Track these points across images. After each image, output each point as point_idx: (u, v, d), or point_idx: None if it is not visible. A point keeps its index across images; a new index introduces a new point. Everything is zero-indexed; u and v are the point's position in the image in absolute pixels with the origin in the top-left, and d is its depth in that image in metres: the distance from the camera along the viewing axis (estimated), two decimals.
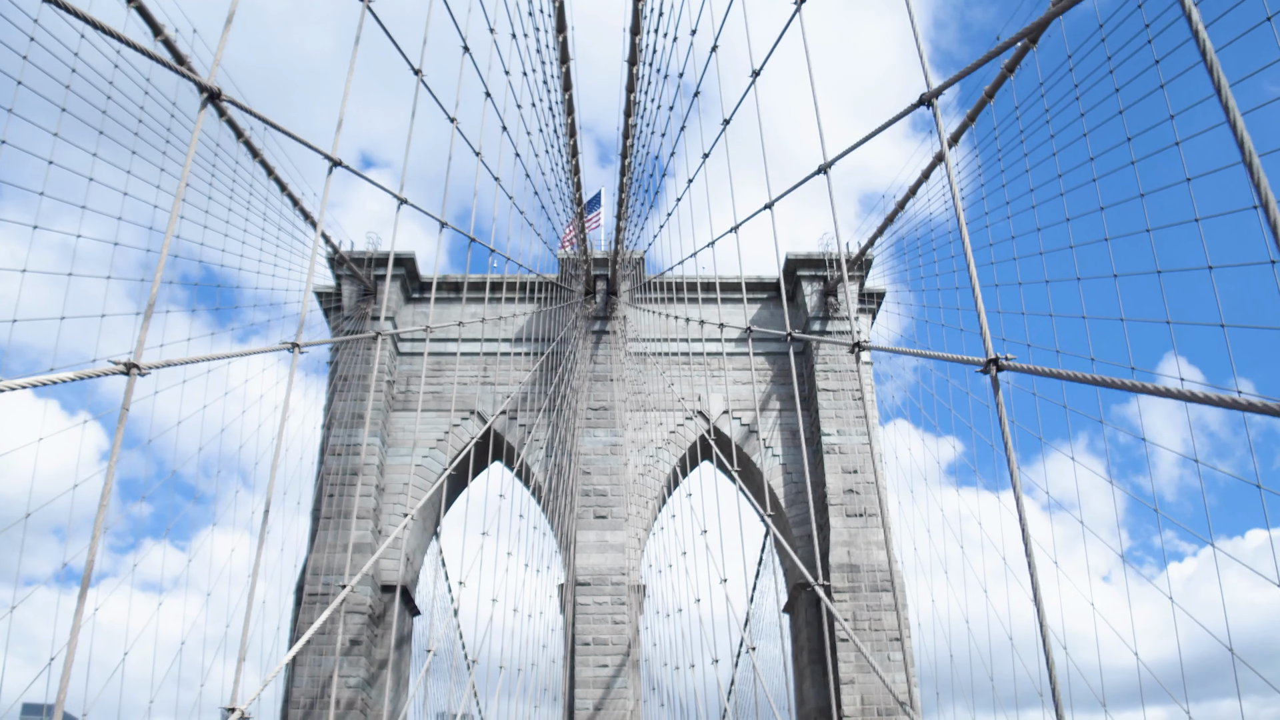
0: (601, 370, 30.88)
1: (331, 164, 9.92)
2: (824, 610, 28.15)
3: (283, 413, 8.85)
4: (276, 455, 8.71)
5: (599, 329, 31.43)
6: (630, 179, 24.57)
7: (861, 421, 29.37)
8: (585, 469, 29.50)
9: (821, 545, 28.37)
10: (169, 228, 7.05)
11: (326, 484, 28.43)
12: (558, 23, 19.40)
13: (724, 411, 30.11)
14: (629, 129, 22.22)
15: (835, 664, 26.15)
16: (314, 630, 9.69)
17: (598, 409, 30.34)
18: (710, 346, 30.76)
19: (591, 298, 31.67)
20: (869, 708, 26.18)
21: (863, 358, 30.75)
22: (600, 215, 32.97)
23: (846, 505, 28.31)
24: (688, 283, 29.69)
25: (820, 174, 10.22)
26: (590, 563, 28.40)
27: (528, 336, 31.04)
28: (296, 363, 8.99)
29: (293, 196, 23.46)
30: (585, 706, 26.83)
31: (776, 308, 31.91)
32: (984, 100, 15.75)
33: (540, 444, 29.95)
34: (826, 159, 10.06)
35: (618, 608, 27.95)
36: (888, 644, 27.06)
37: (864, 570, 27.55)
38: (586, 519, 29.02)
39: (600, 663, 27.41)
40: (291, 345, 8.94)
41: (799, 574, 28.45)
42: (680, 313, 28.58)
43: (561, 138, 23.05)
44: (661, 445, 30.20)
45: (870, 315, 31.44)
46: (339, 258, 28.92)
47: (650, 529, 29.81)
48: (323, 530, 27.67)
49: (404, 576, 28.99)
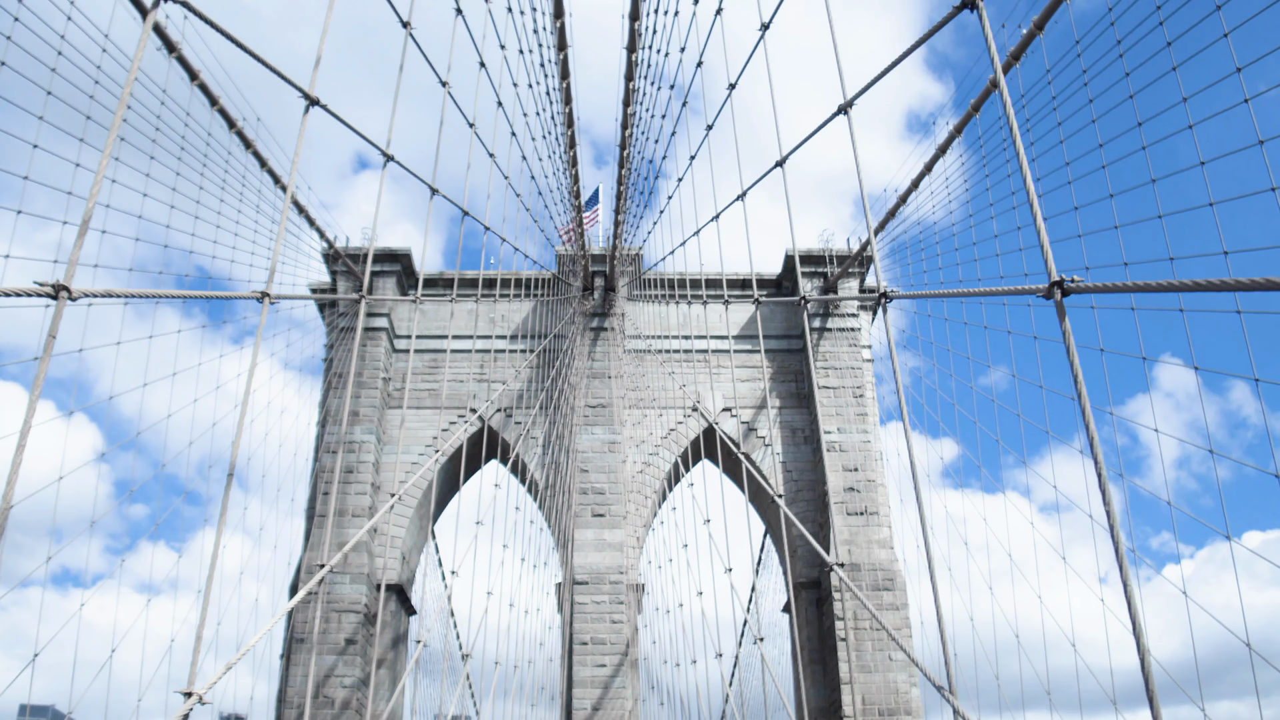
0: (599, 367, 29.89)
1: (309, 103, 8.91)
2: (824, 609, 27.28)
3: (250, 366, 7.82)
4: (243, 414, 7.68)
5: (597, 325, 30.44)
6: (629, 170, 23.61)
7: (862, 419, 28.40)
8: (583, 467, 28.51)
9: (822, 544, 27.41)
10: (106, 148, 6.02)
11: (321, 482, 27.43)
12: (555, 7, 18.49)
13: (724, 409, 29.08)
14: (628, 119, 21.29)
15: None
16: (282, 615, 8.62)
17: (596, 406, 29.34)
18: (712, 344, 29.77)
19: (589, 294, 30.67)
20: (870, 708, 25.20)
21: (864, 356, 29.80)
22: (599, 211, 31.99)
23: (847, 503, 27.35)
24: (690, 279, 28.77)
25: (840, 114, 9.22)
26: (588, 561, 27.39)
27: (525, 333, 30.06)
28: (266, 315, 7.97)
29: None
30: (583, 707, 25.80)
31: (775, 305, 30.94)
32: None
33: (537, 441, 28.94)
34: (846, 97, 9.05)
35: (616, 607, 26.94)
36: (888, 643, 26.06)
37: (865, 569, 26.56)
38: (584, 517, 28.00)
39: (598, 662, 26.39)
40: (261, 295, 7.93)
41: (798, 575, 27.49)
42: (679, 309, 27.66)
43: (559, 125, 22.06)
44: (660, 443, 29.20)
45: (871, 313, 30.48)
46: (334, 253, 27.91)
47: (650, 525, 28.79)
48: (317, 529, 26.67)
49: (400, 575, 27.92)
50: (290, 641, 25.49)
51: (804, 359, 29.85)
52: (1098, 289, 5.30)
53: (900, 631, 25.99)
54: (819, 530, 27.48)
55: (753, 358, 30.11)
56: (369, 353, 28.76)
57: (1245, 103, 10.21)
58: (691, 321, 29.98)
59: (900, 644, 8.40)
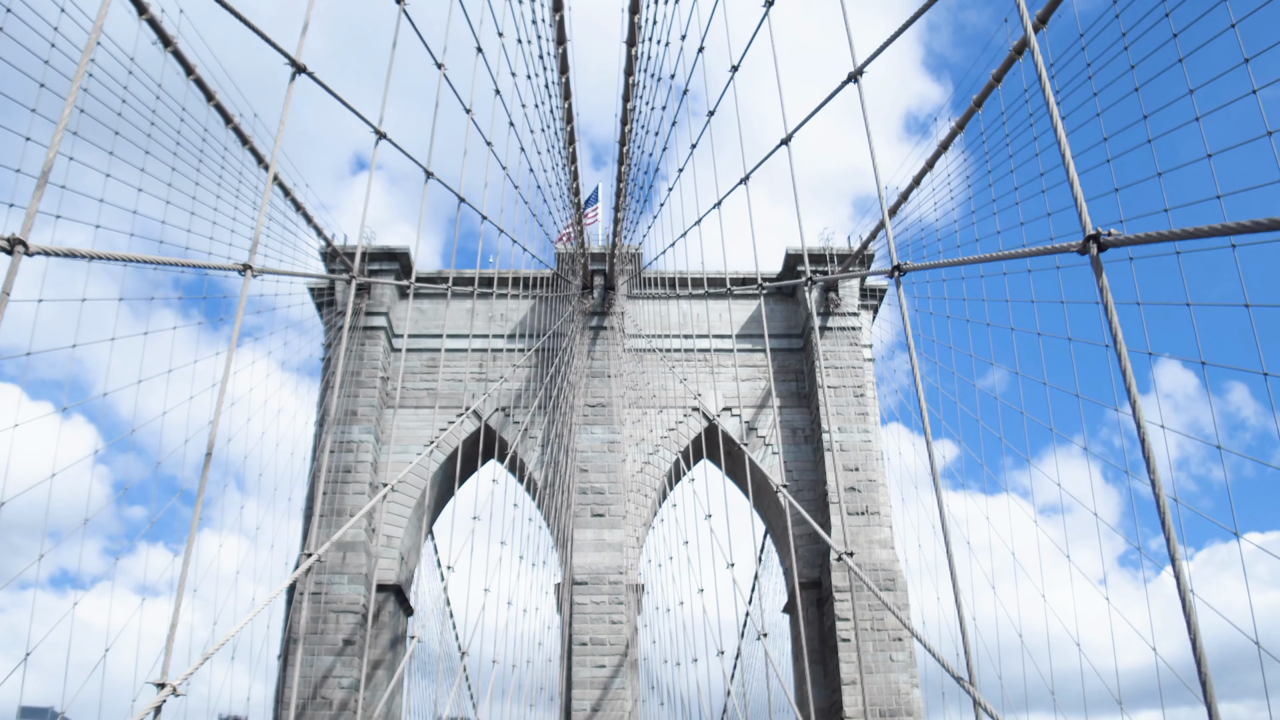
0: (599, 366, 29.41)
1: (295, 69, 8.43)
2: (824, 609, 26.79)
3: (232, 341, 7.34)
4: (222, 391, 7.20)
5: (596, 324, 29.96)
6: (629, 166, 23.16)
7: (863, 419, 27.93)
8: (583, 466, 28.01)
9: (822, 544, 26.91)
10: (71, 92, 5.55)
11: (319, 482, 26.90)
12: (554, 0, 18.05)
13: (725, 409, 28.59)
14: (628, 114, 20.85)
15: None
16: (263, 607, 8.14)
17: (595, 405, 28.85)
18: (714, 343, 29.30)
19: (589, 293, 30.18)
20: (871, 709, 24.71)
21: (865, 355, 29.33)
22: (598, 210, 31.51)
23: (848, 503, 26.86)
24: (691, 278, 28.33)
25: (851, 83, 8.75)
26: (587, 561, 26.89)
27: (524, 332, 29.58)
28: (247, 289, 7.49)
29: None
30: (583, 708, 25.28)
31: (776, 304, 30.47)
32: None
33: (536, 441, 28.45)
34: (856, 64, 8.58)
35: (615, 607, 26.44)
36: (890, 644, 25.58)
37: (866, 569, 26.05)
38: (584, 517, 27.50)
39: (598, 663, 25.88)
40: (243, 267, 7.45)
41: (798, 576, 26.99)
42: (679, 307, 27.20)
43: (559, 120, 21.60)
44: (660, 442, 28.71)
45: (872, 311, 30.02)
46: (332, 251, 27.43)
47: (650, 524, 28.29)
48: (316, 529, 26.11)
49: (398, 576, 27.40)
50: (288, 642, 24.99)
51: (804, 358, 29.37)
52: (1138, 240, 4.83)
53: (902, 631, 25.51)
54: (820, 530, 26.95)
55: (753, 357, 29.63)
56: (367, 352, 28.26)
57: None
58: (692, 320, 29.52)
59: (915, 634, 7.91)
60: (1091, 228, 4.92)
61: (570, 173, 24.37)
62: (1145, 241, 4.76)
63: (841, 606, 25.60)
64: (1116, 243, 4.85)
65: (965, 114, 16.40)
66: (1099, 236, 4.89)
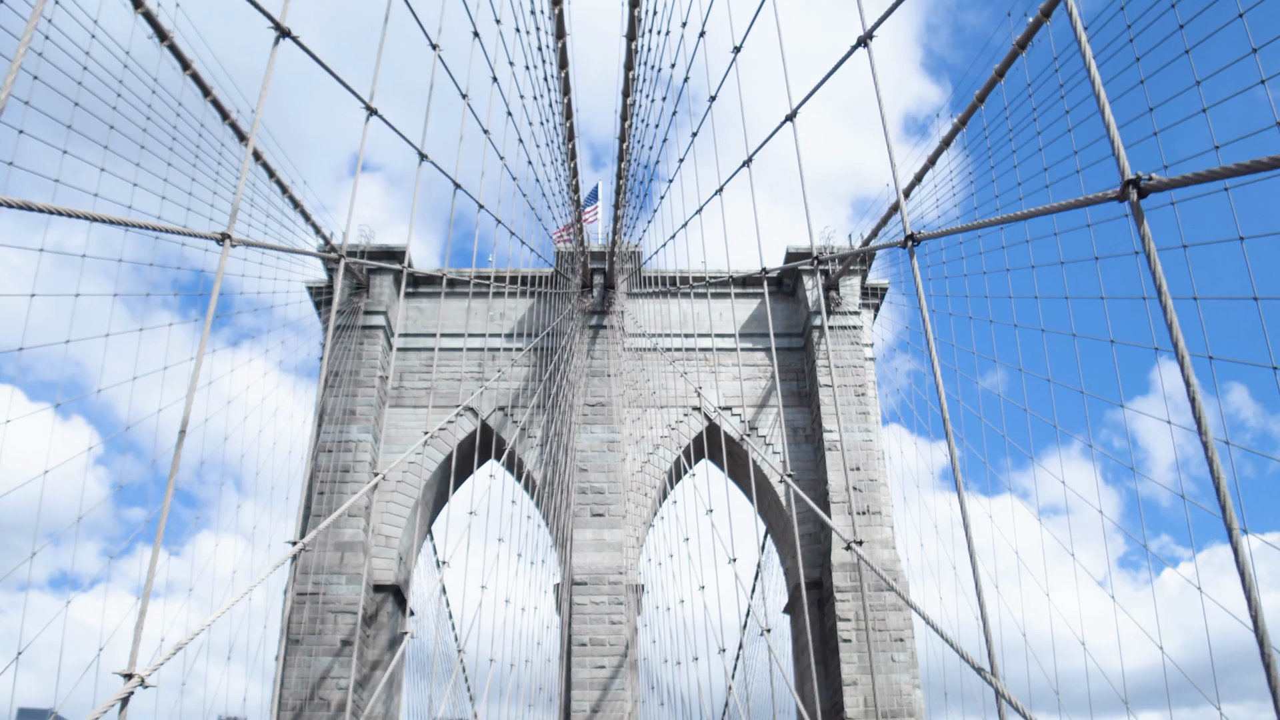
0: (599, 365, 28.91)
1: (279, 34, 7.99)
2: (825, 609, 26.27)
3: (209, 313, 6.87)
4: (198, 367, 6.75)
5: (596, 324, 29.48)
6: (629, 162, 22.71)
7: (864, 418, 27.44)
8: (582, 466, 27.51)
9: (824, 543, 26.44)
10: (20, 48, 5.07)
11: (317, 481, 26.41)
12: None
13: (725, 408, 28.10)
14: (628, 110, 20.40)
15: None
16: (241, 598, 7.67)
17: (595, 405, 28.36)
18: (714, 342, 28.83)
19: (589, 291, 29.70)
20: (871, 709, 24.20)
21: (866, 355, 28.86)
22: (598, 210, 31.05)
23: (849, 503, 26.36)
24: (692, 276, 27.88)
25: (861, 48, 8.30)
26: (587, 561, 26.38)
27: (523, 331, 29.12)
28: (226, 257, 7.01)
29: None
30: (582, 708, 24.76)
31: (776, 303, 30.00)
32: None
33: (536, 440, 27.96)
34: (865, 27, 8.12)
35: (615, 607, 25.92)
36: (891, 644, 25.07)
37: (866, 569, 25.54)
38: (583, 517, 27.00)
39: (597, 664, 25.36)
40: (222, 236, 6.99)
41: (799, 575, 26.48)
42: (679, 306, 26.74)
43: (558, 115, 21.15)
44: (660, 442, 28.22)
45: (873, 310, 29.55)
46: (330, 249, 26.98)
47: (650, 523, 27.79)
48: (312, 528, 25.64)
49: (397, 576, 26.89)
50: (286, 643, 24.49)
51: (805, 357, 28.90)
52: (1183, 181, 4.35)
53: (904, 631, 25.01)
54: (820, 529, 26.51)
55: (753, 356, 29.16)
56: (365, 351, 27.79)
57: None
58: (693, 319, 29.06)
59: (934, 625, 7.44)
60: (1131, 172, 4.46)
61: (570, 169, 23.92)
62: (1190, 183, 4.29)
63: (843, 607, 25.12)
64: (1158, 186, 4.37)
65: (987, 84, 15.91)
66: (1139, 181, 4.42)
